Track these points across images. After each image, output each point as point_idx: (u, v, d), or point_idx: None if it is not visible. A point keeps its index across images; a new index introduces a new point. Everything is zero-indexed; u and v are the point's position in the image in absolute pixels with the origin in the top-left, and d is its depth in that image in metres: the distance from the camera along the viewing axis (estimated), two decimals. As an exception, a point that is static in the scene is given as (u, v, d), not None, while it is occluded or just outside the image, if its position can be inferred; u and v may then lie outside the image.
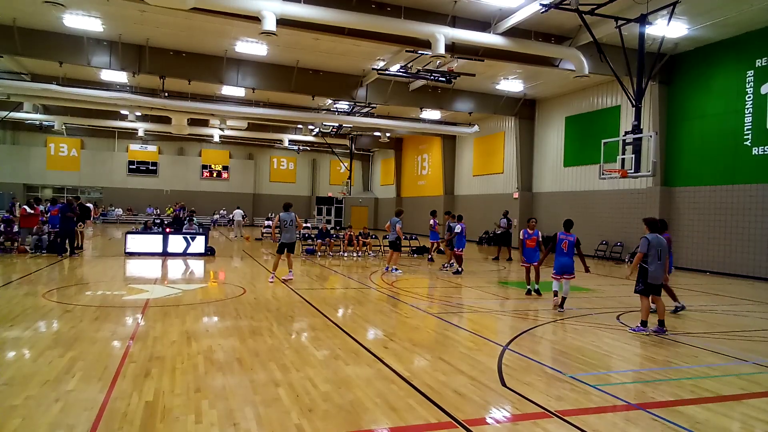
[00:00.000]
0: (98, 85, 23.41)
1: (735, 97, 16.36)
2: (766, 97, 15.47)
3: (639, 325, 7.99)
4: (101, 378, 5.14)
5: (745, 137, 16.03)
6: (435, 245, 18.76)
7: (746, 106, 16.02)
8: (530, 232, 11.42)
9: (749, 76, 15.95)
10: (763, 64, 15.55)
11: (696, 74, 17.71)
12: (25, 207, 17.06)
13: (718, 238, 16.78)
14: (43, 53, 18.61)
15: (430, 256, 18.64)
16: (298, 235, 15.64)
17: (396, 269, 14.83)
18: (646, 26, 13.63)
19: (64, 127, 32.97)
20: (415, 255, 20.21)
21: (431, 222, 18.28)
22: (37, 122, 33.47)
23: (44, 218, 17.97)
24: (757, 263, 15.57)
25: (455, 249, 15.15)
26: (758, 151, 15.62)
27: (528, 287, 11.42)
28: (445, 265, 15.90)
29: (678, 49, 17.77)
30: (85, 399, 4.58)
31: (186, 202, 39.33)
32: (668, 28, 14.26)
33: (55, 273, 12.98)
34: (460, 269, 15.05)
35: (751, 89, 15.89)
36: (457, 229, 15.00)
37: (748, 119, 15.96)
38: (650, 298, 8.11)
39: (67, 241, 16.25)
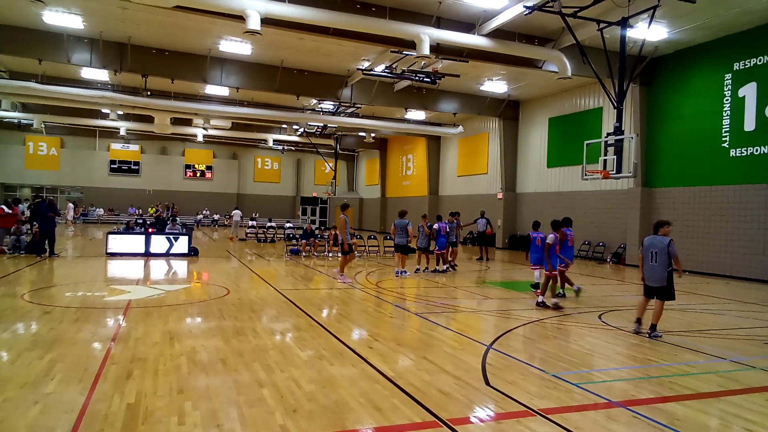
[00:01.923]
0: (79, 83, 23.04)
1: (713, 100, 16.67)
2: (743, 100, 15.79)
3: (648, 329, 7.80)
4: (81, 380, 5.07)
5: (723, 139, 16.34)
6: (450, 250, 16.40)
7: (724, 109, 16.33)
8: (557, 236, 10.30)
9: (727, 79, 16.27)
10: (741, 67, 15.87)
11: (676, 77, 18.01)
12: (3, 207, 16.74)
13: (697, 238, 17.08)
14: (22, 50, 18.26)
15: (454, 264, 16.35)
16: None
17: (404, 271, 14.36)
18: (628, 29, 13.82)
19: (43, 125, 32.37)
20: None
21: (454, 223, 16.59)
22: (15, 120, 32.86)
23: (24, 218, 17.63)
24: (735, 263, 15.88)
25: (436, 249, 15.45)
26: (736, 153, 15.94)
27: (559, 292, 10.42)
28: (426, 269, 15.47)
29: (658, 51, 18.05)
30: (65, 401, 4.51)
31: (169, 202, 38.94)
32: (649, 31, 14.47)
33: (35, 274, 12.75)
34: (445, 268, 15.29)
35: (729, 92, 16.20)
36: (438, 226, 15.44)
37: (726, 121, 16.27)
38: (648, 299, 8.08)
39: (47, 241, 16.00)
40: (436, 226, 15.44)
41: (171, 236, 18.00)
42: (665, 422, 4.48)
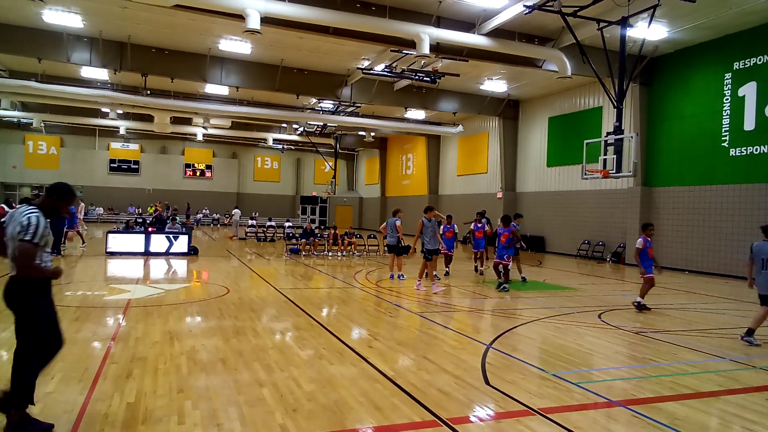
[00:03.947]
0: (78, 82, 23.02)
1: (713, 99, 16.66)
2: (743, 99, 15.78)
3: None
4: (81, 379, 5.07)
5: (722, 139, 16.34)
6: (480, 254, 15.16)
7: (724, 108, 16.33)
8: (649, 239, 9.88)
9: (727, 79, 16.26)
10: (741, 66, 15.86)
11: (676, 76, 18.01)
12: (3, 206, 16.71)
13: (697, 237, 17.08)
14: (22, 49, 18.25)
15: (481, 269, 15.19)
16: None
17: (402, 275, 13.34)
18: (628, 29, 13.84)
19: (42, 124, 32.36)
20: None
21: (474, 225, 15.15)
22: (15, 119, 32.83)
23: None
24: (734, 262, 15.87)
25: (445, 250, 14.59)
26: (735, 153, 15.93)
27: (642, 302, 9.86)
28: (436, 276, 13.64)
29: (658, 51, 18.04)
30: (64, 401, 4.51)
31: (169, 202, 38.88)
32: (649, 31, 14.48)
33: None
34: (446, 270, 14.74)
35: (729, 91, 16.20)
36: (456, 229, 15.15)
37: (725, 121, 16.27)
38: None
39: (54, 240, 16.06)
40: (471, 226, 15.02)
41: (170, 235, 18.00)
42: (665, 422, 4.48)
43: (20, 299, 3.88)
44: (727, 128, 16.21)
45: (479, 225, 14.96)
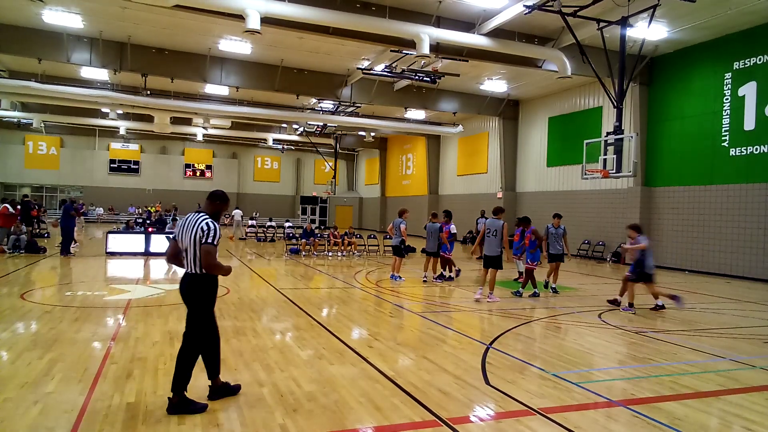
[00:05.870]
0: (78, 83, 23.02)
1: (713, 99, 16.66)
2: (743, 99, 15.78)
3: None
4: (81, 380, 5.07)
5: (722, 138, 16.34)
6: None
7: (724, 108, 16.33)
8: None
9: (727, 78, 16.26)
10: (741, 66, 15.86)
11: (676, 76, 18.00)
12: (7, 206, 16.70)
13: (697, 237, 17.08)
14: (21, 50, 18.24)
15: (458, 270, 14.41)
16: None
17: (400, 277, 13.13)
18: (627, 28, 13.83)
19: (42, 124, 32.31)
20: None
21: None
22: (15, 120, 32.82)
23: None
24: (734, 262, 15.88)
25: (443, 252, 13.53)
26: (735, 152, 15.93)
27: (657, 303, 9.92)
28: (436, 278, 13.48)
29: (658, 51, 18.05)
30: (64, 401, 4.51)
31: (173, 203, 38.85)
32: (649, 31, 14.48)
33: (34, 273, 12.75)
34: (451, 275, 13.91)
35: (729, 91, 16.20)
36: (453, 229, 14.00)
37: (725, 121, 16.27)
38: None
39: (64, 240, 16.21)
40: (453, 228, 13.97)
41: (170, 236, 17.98)
42: (665, 421, 4.48)
43: (198, 293, 4.51)
44: (727, 128, 16.21)
45: (447, 226, 13.78)
